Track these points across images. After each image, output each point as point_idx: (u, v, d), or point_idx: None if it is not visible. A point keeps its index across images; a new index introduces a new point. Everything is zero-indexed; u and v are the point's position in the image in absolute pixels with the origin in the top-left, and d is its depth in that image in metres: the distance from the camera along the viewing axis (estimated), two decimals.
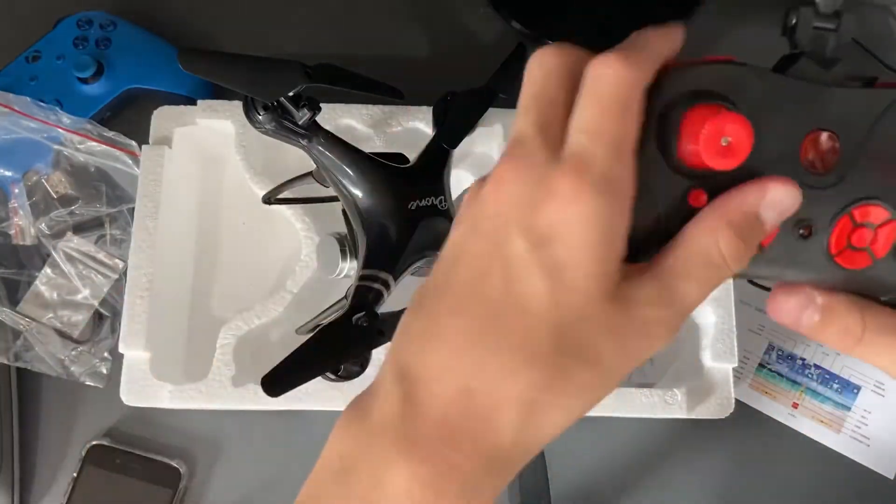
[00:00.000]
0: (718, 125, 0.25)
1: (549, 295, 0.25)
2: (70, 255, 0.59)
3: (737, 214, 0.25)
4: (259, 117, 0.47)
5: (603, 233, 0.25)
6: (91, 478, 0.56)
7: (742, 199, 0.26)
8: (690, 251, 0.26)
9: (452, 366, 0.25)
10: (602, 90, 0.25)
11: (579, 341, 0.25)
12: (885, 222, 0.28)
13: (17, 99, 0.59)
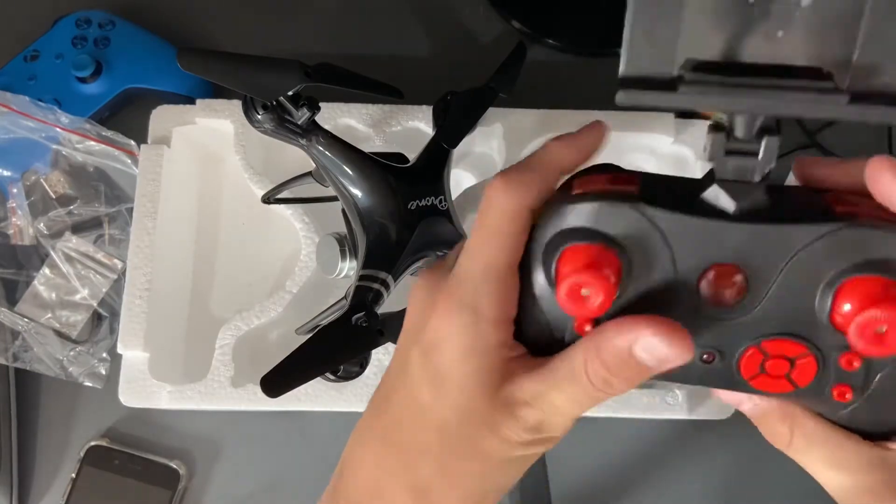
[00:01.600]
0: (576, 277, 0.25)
1: (433, 399, 0.28)
2: (69, 255, 0.59)
3: (608, 351, 0.26)
4: (258, 117, 0.47)
5: (470, 342, 0.27)
6: (90, 479, 0.56)
7: (614, 336, 0.26)
8: (565, 370, 0.27)
9: (367, 460, 0.30)
10: (484, 213, 0.28)
11: (463, 437, 0.28)
12: (802, 356, 0.27)
13: (15, 98, 0.58)
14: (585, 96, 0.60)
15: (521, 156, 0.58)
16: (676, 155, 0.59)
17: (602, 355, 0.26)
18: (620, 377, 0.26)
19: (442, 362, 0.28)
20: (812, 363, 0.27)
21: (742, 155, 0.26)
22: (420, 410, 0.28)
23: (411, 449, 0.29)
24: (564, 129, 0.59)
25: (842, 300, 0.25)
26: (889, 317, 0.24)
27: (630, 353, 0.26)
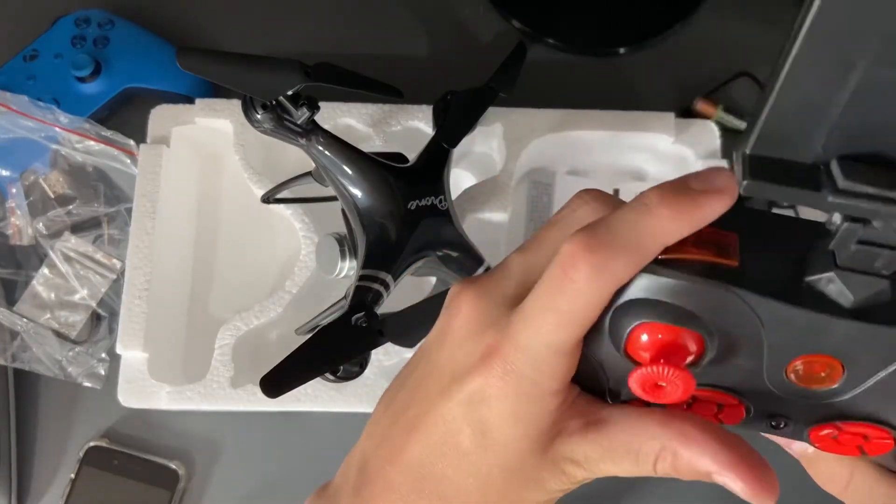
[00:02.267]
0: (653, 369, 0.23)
1: (476, 449, 0.26)
2: (67, 255, 0.59)
3: (685, 464, 0.25)
4: (258, 116, 0.47)
5: (526, 409, 0.26)
6: (89, 479, 0.56)
7: (695, 456, 0.25)
8: (626, 447, 0.26)
9: (396, 484, 0.28)
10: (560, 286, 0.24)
11: (506, 493, 0.27)
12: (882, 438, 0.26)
13: (14, 98, 0.58)
14: (585, 96, 0.60)
15: (521, 156, 0.58)
16: (677, 155, 0.59)
17: (678, 464, 0.25)
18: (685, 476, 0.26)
19: (490, 418, 0.26)
20: (891, 443, 0.25)
21: (875, 246, 0.22)
22: (460, 455, 0.27)
23: (447, 491, 0.27)
24: (565, 129, 0.59)
25: None
26: None
27: (709, 475, 0.25)
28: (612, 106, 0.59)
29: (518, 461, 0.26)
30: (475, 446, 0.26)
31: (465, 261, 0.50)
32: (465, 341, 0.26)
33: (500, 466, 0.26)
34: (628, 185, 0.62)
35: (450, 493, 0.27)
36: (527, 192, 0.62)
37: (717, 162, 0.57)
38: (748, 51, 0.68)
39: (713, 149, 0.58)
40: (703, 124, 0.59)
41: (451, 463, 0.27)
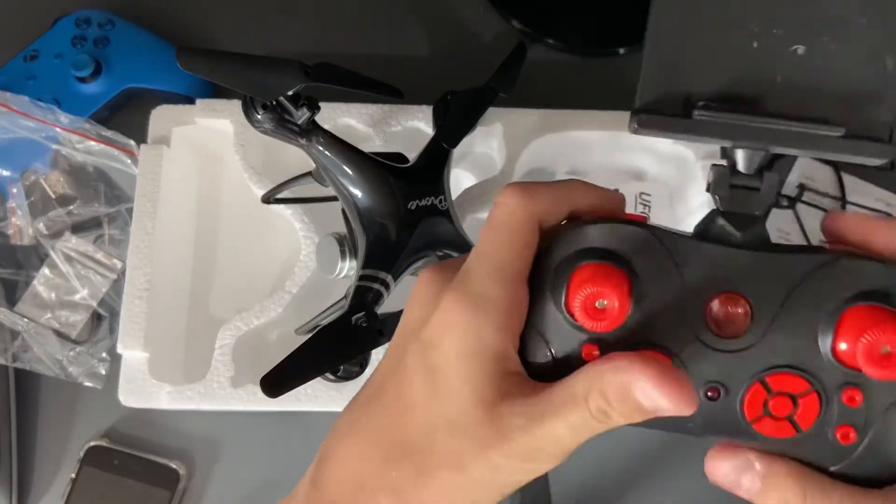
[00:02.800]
0: (593, 288, 0.25)
1: (425, 397, 0.27)
2: (68, 255, 0.59)
3: (610, 383, 0.25)
4: (258, 116, 0.47)
5: (472, 343, 0.26)
6: (89, 479, 0.56)
7: (617, 371, 0.25)
8: (565, 395, 0.26)
9: (351, 453, 0.29)
10: (495, 216, 0.27)
11: (447, 445, 0.27)
12: (806, 393, 0.26)
13: (15, 98, 0.58)
14: (585, 96, 0.60)
15: (521, 156, 0.58)
16: (676, 155, 0.59)
17: (604, 386, 0.25)
18: (618, 412, 0.25)
19: (439, 360, 0.27)
20: (815, 401, 0.26)
21: (745, 189, 0.27)
22: (410, 408, 0.27)
23: (395, 446, 0.28)
24: (565, 129, 0.59)
25: (844, 329, 0.25)
26: (893, 339, 0.24)
27: (629, 391, 0.25)
28: (612, 106, 0.59)
29: (461, 411, 0.26)
30: (424, 396, 0.27)
31: None
32: (424, 300, 0.28)
33: (443, 415, 0.27)
34: (628, 185, 0.62)
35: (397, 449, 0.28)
36: None
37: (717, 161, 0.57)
38: None
39: (713, 149, 0.58)
40: None
41: (403, 418, 0.27)
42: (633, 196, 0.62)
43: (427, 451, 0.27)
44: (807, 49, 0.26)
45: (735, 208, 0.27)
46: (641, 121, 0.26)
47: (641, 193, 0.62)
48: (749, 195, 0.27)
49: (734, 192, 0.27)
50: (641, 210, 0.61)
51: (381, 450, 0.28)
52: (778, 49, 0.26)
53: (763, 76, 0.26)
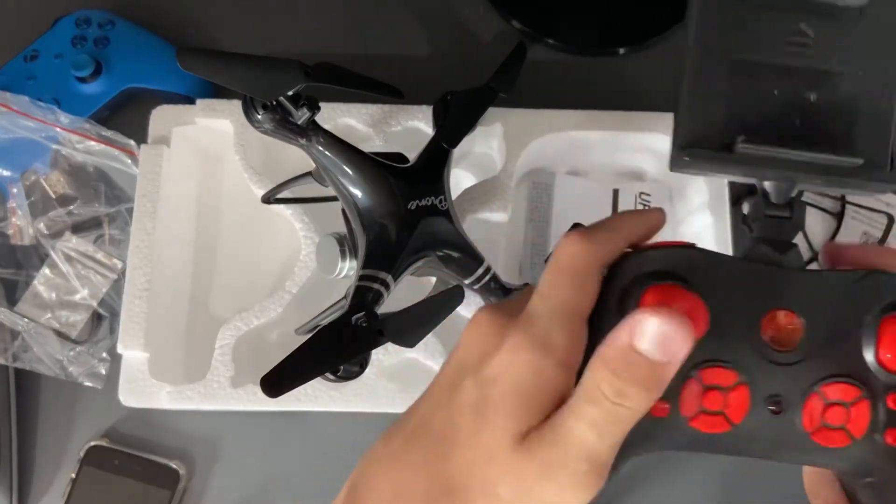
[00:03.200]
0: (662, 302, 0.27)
1: (472, 433, 0.27)
2: (68, 255, 0.59)
3: (612, 351, 0.25)
4: (258, 117, 0.47)
5: (533, 381, 0.27)
6: (89, 479, 0.56)
7: (615, 334, 0.26)
8: (580, 393, 0.26)
9: (388, 489, 0.28)
10: (559, 260, 0.28)
11: (484, 476, 0.27)
12: (857, 401, 0.28)
13: (15, 98, 0.58)
14: (585, 96, 0.60)
15: (521, 156, 0.58)
16: None
17: (608, 362, 0.25)
18: (632, 381, 0.25)
19: (495, 396, 0.27)
20: (866, 408, 0.28)
21: (777, 218, 0.30)
22: (456, 444, 0.27)
23: (438, 483, 0.27)
24: (564, 129, 0.59)
25: (885, 337, 0.28)
26: None
27: (633, 348, 0.25)
28: (612, 106, 0.59)
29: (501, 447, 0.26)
30: (471, 433, 0.27)
31: (465, 261, 0.50)
32: (484, 339, 0.28)
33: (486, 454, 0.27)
34: (628, 185, 0.62)
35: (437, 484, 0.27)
36: (527, 192, 0.62)
37: None
38: None
39: None
40: None
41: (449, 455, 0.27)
42: (633, 196, 0.62)
43: (468, 487, 0.27)
44: (818, 96, 0.30)
45: (771, 235, 0.30)
46: (690, 155, 0.29)
47: (641, 193, 0.62)
48: (781, 224, 0.30)
49: (770, 221, 0.30)
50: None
51: (423, 486, 0.28)
52: (794, 96, 0.30)
53: (785, 119, 0.30)
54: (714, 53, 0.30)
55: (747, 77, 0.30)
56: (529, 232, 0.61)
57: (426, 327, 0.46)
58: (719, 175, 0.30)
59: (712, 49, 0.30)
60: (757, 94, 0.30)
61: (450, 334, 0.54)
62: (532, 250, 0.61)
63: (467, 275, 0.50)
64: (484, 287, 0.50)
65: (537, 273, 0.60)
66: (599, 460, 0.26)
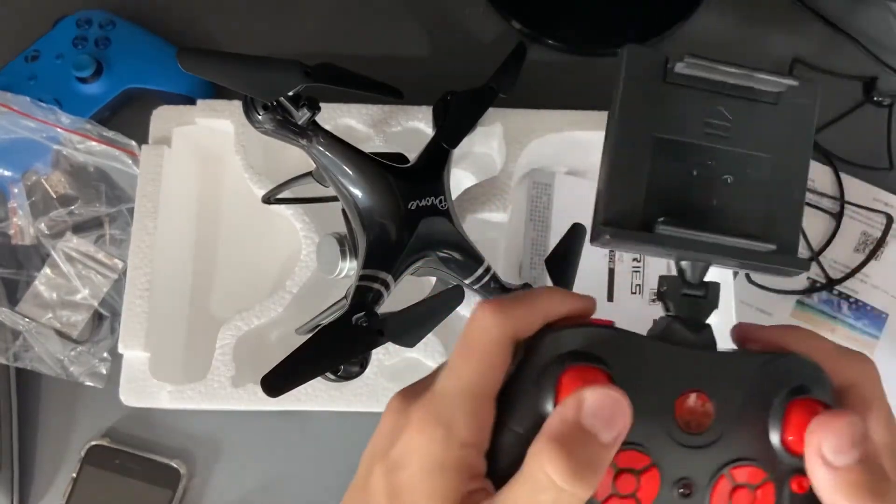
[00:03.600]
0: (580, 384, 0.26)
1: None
2: (69, 255, 0.59)
3: (558, 430, 0.25)
4: (258, 117, 0.47)
5: (438, 460, 0.26)
6: (90, 478, 0.56)
7: (561, 411, 0.25)
8: (522, 478, 0.25)
9: None
10: (469, 334, 0.28)
11: None
12: (763, 483, 0.28)
13: (16, 98, 0.59)
14: (585, 96, 0.60)
15: (521, 156, 0.58)
16: None
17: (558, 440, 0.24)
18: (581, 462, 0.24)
19: (405, 480, 0.26)
20: (770, 490, 0.28)
21: (693, 297, 0.30)
22: None
23: None
24: (565, 129, 0.59)
25: (791, 420, 0.28)
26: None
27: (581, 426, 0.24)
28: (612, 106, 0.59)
29: None
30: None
31: (465, 261, 0.50)
32: (392, 422, 0.28)
33: None
34: None
35: None
36: (527, 192, 0.62)
37: None
38: (748, 51, 0.68)
39: None
40: None
41: None
42: None
43: None
44: (734, 178, 0.31)
45: (686, 314, 0.30)
46: (611, 234, 0.29)
47: None
48: (697, 303, 0.30)
49: (685, 300, 0.30)
50: None
51: None
52: (712, 178, 0.30)
53: (703, 200, 0.30)
54: (636, 131, 0.30)
55: (668, 156, 0.30)
56: (529, 232, 0.61)
57: (426, 327, 0.46)
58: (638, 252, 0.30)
59: (635, 126, 0.30)
60: (677, 173, 0.30)
61: (450, 334, 0.54)
62: (532, 250, 0.61)
63: (467, 275, 0.50)
64: (484, 287, 0.50)
65: (537, 273, 0.60)
66: None
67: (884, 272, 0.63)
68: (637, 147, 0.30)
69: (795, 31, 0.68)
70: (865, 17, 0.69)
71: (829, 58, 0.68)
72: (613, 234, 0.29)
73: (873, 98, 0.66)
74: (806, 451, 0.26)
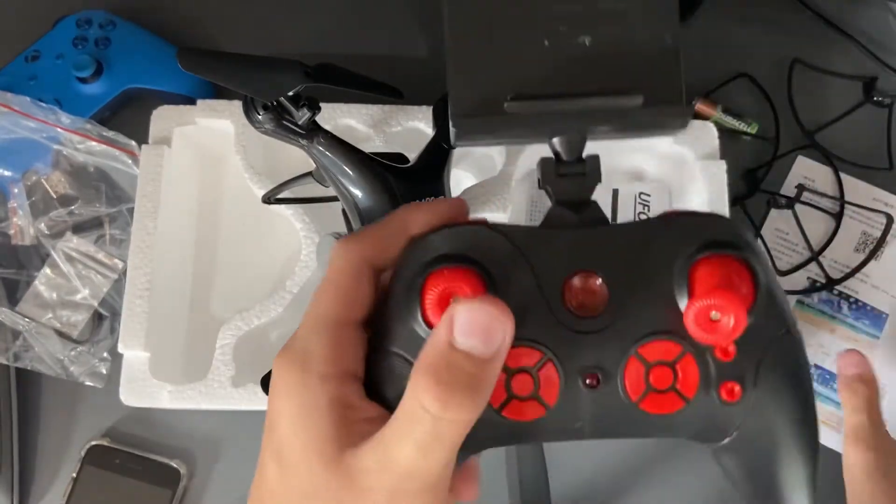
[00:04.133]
0: (444, 286, 0.24)
1: (278, 481, 0.25)
2: (69, 255, 0.59)
3: (430, 357, 0.23)
4: (259, 117, 0.47)
5: (300, 405, 0.25)
6: (90, 478, 0.56)
7: (432, 338, 0.23)
8: (400, 411, 0.24)
9: None
10: (327, 272, 0.27)
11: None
12: (681, 357, 0.25)
13: (16, 98, 0.59)
14: None
15: (521, 156, 0.58)
16: (676, 155, 0.59)
17: (428, 369, 0.23)
18: (458, 386, 0.23)
19: (280, 436, 0.25)
20: (692, 362, 0.25)
21: (573, 176, 0.28)
22: (270, 495, 0.26)
23: None
24: None
25: (699, 281, 0.25)
26: (721, 304, 0.24)
27: (453, 347, 0.23)
28: None
29: (312, 483, 0.24)
30: (276, 477, 0.25)
31: None
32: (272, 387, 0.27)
33: (296, 490, 0.25)
34: (628, 185, 0.62)
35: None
36: (527, 192, 0.62)
37: (716, 162, 0.58)
38: (747, 51, 0.68)
39: (712, 149, 0.58)
40: (703, 125, 0.59)
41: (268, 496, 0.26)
42: (633, 196, 0.62)
43: None
44: (592, 38, 0.27)
45: (567, 196, 0.28)
46: (460, 127, 0.27)
47: (641, 193, 0.62)
48: (576, 182, 0.28)
49: (563, 180, 0.28)
50: (640, 210, 0.61)
51: None
52: (567, 42, 0.27)
53: (560, 68, 0.27)
54: (473, 14, 0.27)
55: (513, 31, 0.27)
56: None
57: None
58: (503, 141, 0.28)
59: (471, 9, 0.27)
60: (527, 47, 0.27)
61: None
62: None
63: None
64: None
65: None
66: (430, 481, 0.24)
67: (884, 272, 0.63)
68: (477, 27, 0.27)
69: (795, 32, 0.68)
70: (865, 17, 0.69)
71: (829, 58, 0.68)
72: (460, 125, 0.27)
73: (873, 98, 0.66)
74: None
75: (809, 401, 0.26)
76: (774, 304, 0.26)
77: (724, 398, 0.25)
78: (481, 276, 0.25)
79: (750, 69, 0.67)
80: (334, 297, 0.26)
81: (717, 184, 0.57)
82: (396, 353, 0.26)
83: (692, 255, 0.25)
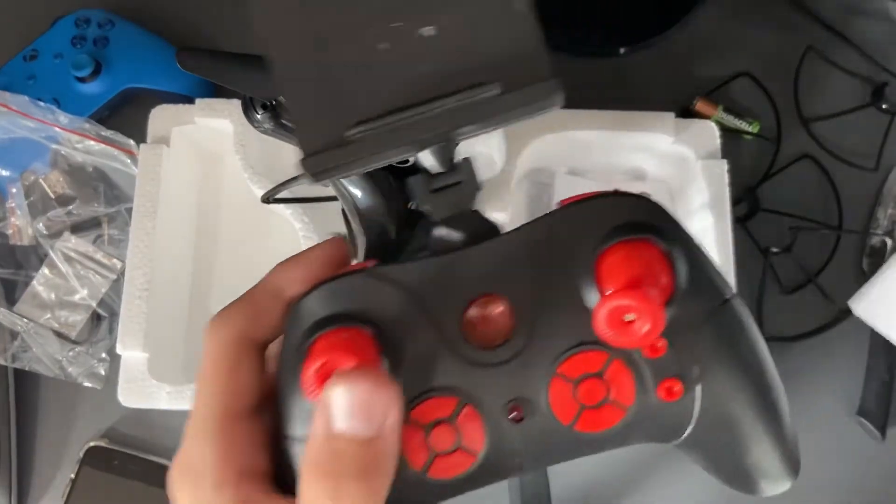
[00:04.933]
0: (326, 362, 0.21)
1: None
2: (68, 255, 0.59)
3: (312, 448, 0.21)
4: (258, 116, 0.47)
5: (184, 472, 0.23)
6: (89, 479, 0.56)
7: (312, 426, 0.21)
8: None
9: None
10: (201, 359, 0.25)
11: None
12: (608, 365, 0.22)
13: (14, 98, 0.58)
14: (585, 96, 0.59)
15: (521, 155, 0.58)
16: (676, 155, 0.59)
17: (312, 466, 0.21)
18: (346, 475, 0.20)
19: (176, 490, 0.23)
20: (622, 368, 0.23)
21: (448, 188, 0.25)
22: None
23: None
24: (565, 129, 0.59)
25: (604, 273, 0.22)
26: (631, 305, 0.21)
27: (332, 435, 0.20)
28: (612, 106, 0.59)
29: None
30: None
31: None
32: None
33: None
34: (628, 186, 0.62)
35: None
36: (527, 191, 0.62)
37: (717, 162, 0.57)
38: (748, 51, 0.68)
39: (713, 148, 0.58)
40: (703, 124, 0.59)
41: None
42: None
43: None
44: (436, 27, 0.23)
45: (449, 211, 0.25)
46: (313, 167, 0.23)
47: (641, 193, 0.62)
48: (455, 192, 0.25)
49: (439, 196, 0.25)
50: None
51: None
52: (407, 40, 0.23)
53: (403, 72, 0.23)
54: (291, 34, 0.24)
55: (343, 42, 0.24)
56: None
57: None
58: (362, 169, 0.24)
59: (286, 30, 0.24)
60: (361, 56, 0.23)
61: None
62: None
63: None
64: None
65: None
66: None
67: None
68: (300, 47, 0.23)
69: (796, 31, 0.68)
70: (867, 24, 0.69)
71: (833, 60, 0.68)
72: (307, 165, 0.23)
73: (881, 106, 0.66)
74: None
75: (764, 370, 0.24)
76: (702, 279, 0.23)
77: (664, 399, 0.23)
78: (369, 333, 0.22)
79: (751, 68, 0.66)
80: (212, 391, 0.24)
81: (719, 183, 0.57)
82: (292, 437, 0.23)
83: (595, 247, 0.23)
